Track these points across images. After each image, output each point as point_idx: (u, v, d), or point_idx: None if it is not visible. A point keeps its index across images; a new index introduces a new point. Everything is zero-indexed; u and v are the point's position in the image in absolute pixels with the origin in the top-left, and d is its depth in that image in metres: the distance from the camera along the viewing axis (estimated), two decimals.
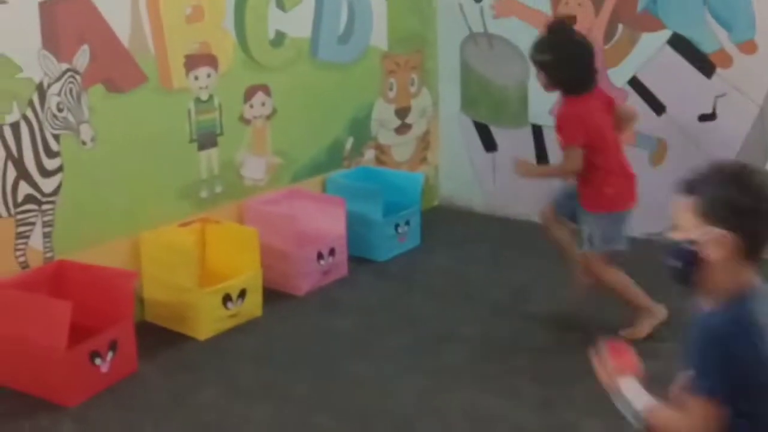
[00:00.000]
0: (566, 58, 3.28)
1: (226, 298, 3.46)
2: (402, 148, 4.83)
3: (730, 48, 4.03)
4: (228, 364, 3.25)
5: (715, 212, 1.74)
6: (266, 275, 3.65)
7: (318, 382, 3.10)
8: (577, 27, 4.36)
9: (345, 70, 4.39)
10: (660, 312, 3.37)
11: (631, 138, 4.36)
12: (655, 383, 1.95)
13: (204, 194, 3.81)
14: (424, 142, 4.96)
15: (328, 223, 3.99)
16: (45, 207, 3.23)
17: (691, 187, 1.82)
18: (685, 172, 4.32)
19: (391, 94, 4.69)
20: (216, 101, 3.79)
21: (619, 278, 3.38)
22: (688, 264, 1.77)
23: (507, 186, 4.83)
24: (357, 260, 4.12)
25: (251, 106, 3.95)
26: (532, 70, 4.52)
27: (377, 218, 4.17)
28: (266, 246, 3.67)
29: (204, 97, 3.74)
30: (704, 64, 4.10)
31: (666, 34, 4.18)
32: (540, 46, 3.36)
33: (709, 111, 4.14)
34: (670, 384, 1.92)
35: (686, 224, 1.80)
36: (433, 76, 4.92)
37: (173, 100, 3.62)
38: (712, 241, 1.73)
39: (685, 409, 1.78)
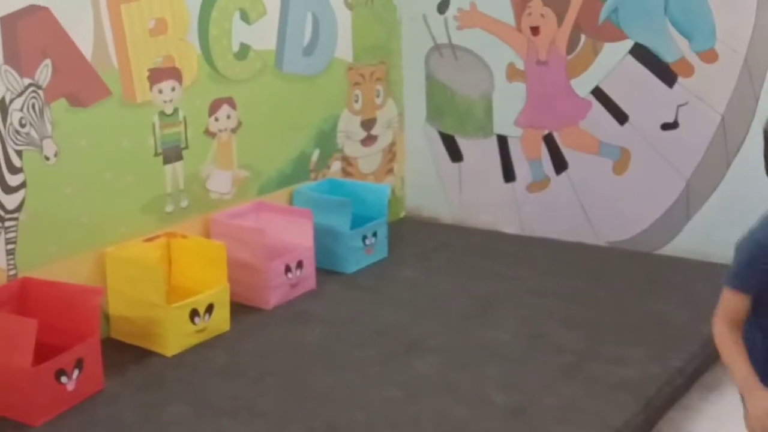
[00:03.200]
0: None
1: (194, 314, 3.43)
2: (368, 160, 4.83)
3: (692, 57, 4.08)
4: (196, 379, 3.21)
5: None
6: (234, 289, 3.63)
7: (288, 395, 3.08)
8: (539, 38, 4.44)
9: (310, 82, 4.39)
10: None
11: (594, 147, 4.42)
12: None
13: (169, 208, 3.78)
14: (390, 153, 4.97)
15: (296, 235, 3.97)
16: (8, 224, 3.19)
17: None
18: (648, 180, 4.42)
19: (357, 106, 4.70)
20: (181, 114, 3.76)
21: None
22: None
23: (473, 196, 4.86)
24: (325, 273, 4.11)
25: (216, 120, 3.93)
26: (497, 81, 4.62)
27: (345, 230, 4.16)
28: (234, 260, 3.65)
29: (168, 110, 3.71)
30: (666, 74, 4.15)
31: (628, 44, 4.23)
32: None
33: (671, 120, 4.20)
34: None
35: None
36: (399, 88, 4.93)
37: (137, 114, 3.60)
38: None
39: None
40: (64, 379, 2.94)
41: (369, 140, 4.81)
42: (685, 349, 3.34)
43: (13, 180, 3.17)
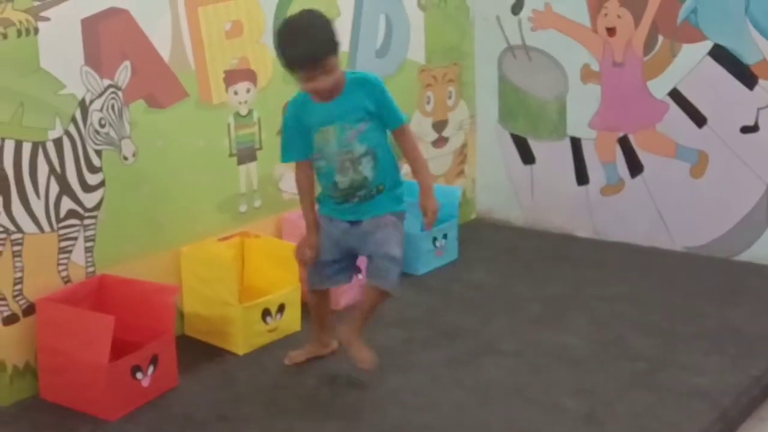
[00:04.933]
0: None
1: (265, 313, 3.46)
2: (439, 161, 4.82)
3: None
4: (268, 379, 3.24)
5: None
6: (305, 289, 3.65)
7: (357, 397, 3.09)
8: (615, 39, 4.37)
9: None
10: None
11: (671, 150, 4.34)
12: None
13: (243, 208, 3.82)
14: (462, 155, 4.95)
15: None
16: (87, 222, 3.27)
17: None
18: (726, 184, 4.33)
19: (429, 108, 4.69)
20: (255, 116, 3.81)
21: None
22: None
23: (545, 199, 4.81)
24: None
25: None
26: (571, 82, 4.57)
27: (415, 232, 4.14)
28: None
29: (243, 111, 3.76)
30: (746, 76, 4.05)
31: (707, 45, 4.13)
32: None
33: (751, 123, 4.09)
34: None
35: None
36: (471, 89, 4.90)
37: (213, 115, 3.65)
38: None
39: None
40: (139, 375, 3.00)
41: (440, 142, 4.80)
42: (762, 357, 3.26)
43: (92, 179, 3.25)
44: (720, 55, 4.11)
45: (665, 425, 2.83)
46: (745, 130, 4.11)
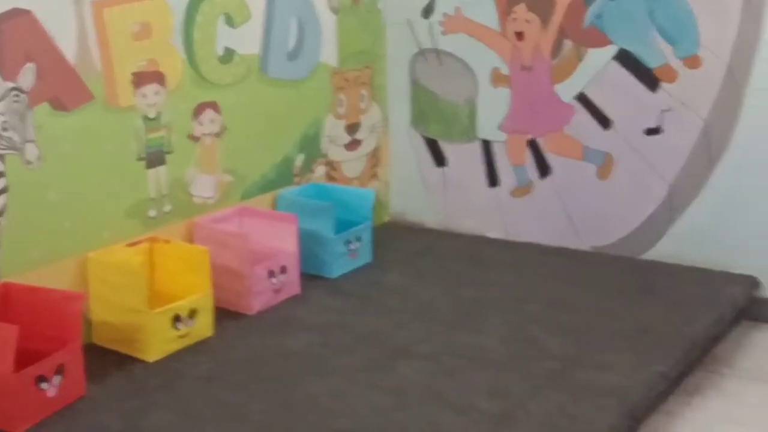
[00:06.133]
0: None
1: (176, 319, 3.40)
2: (353, 164, 4.82)
3: (675, 63, 4.10)
4: (179, 386, 3.18)
5: None
6: (217, 294, 3.61)
7: (272, 402, 3.06)
8: (524, 43, 4.45)
9: (295, 87, 4.38)
10: None
11: (578, 153, 4.43)
12: None
13: (152, 213, 3.75)
14: (375, 158, 4.96)
15: (280, 240, 3.96)
16: None
17: None
18: (632, 185, 4.44)
19: (341, 110, 4.69)
20: (164, 119, 3.74)
21: None
22: None
23: (457, 201, 4.86)
24: (309, 277, 4.09)
25: (200, 124, 3.92)
26: (482, 86, 4.63)
27: (328, 235, 4.15)
28: (217, 265, 3.63)
29: (152, 114, 3.69)
30: (650, 79, 4.17)
31: (612, 49, 4.24)
32: None
33: (655, 125, 4.21)
34: None
35: None
36: (383, 92, 4.92)
37: (120, 118, 3.57)
38: None
39: None
40: (44, 385, 2.91)
41: (353, 145, 4.80)
42: (668, 354, 3.35)
43: None
44: (624, 59, 4.22)
45: (576, 422, 2.88)
46: (649, 132, 4.22)
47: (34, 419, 2.89)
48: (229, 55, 4.00)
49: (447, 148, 4.85)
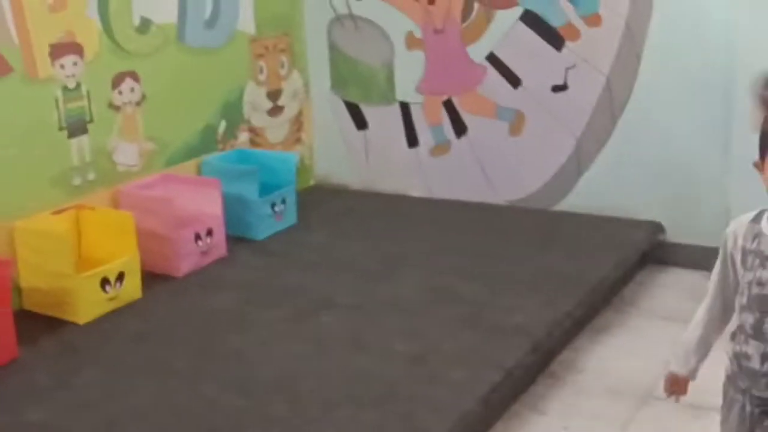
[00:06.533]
0: None
1: (104, 282, 3.51)
2: (276, 130, 4.94)
3: (577, 21, 4.29)
4: (109, 345, 3.31)
5: None
6: (146, 259, 3.71)
7: (200, 356, 3.20)
8: (435, 7, 4.59)
9: (214, 55, 4.47)
10: None
11: (491, 111, 4.61)
12: None
13: (77, 181, 3.83)
14: (298, 123, 5.08)
15: (205, 204, 4.07)
16: None
17: None
18: (541, 141, 4.63)
19: (262, 77, 4.79)
20: (84, 89, 3.82)
21: None
22: None
23: (379, 162, 5.01)
24: (236, 240, 4.22)
25: (120, 93, 3.99)
26: (397, 49, 4.77)
27: (253, 198, 4.27)
28: (144, 230, 3.73)
29: (71, 85, 3.76)
30: (554, 38, 4.36)
31: (518, 11, 4.41)
32: None
33: (561, 82, 4.41)
34: None
35: None
36: (303, 59, 5.04)
37: (40, 89, 3.64)
38: None
39: None
40: None
41: (275, 111, 4.92)
42: (573, 295, 3.57)
43: None
44: (530, 19, 4.40)
45: (485, 359, 3.08)
46: (556, 89, 4.42)
47: None
48: (145, 24, 4.08)
49: (367, 111, 5.00)
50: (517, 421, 3.06)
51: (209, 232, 4.02)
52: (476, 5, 4.52)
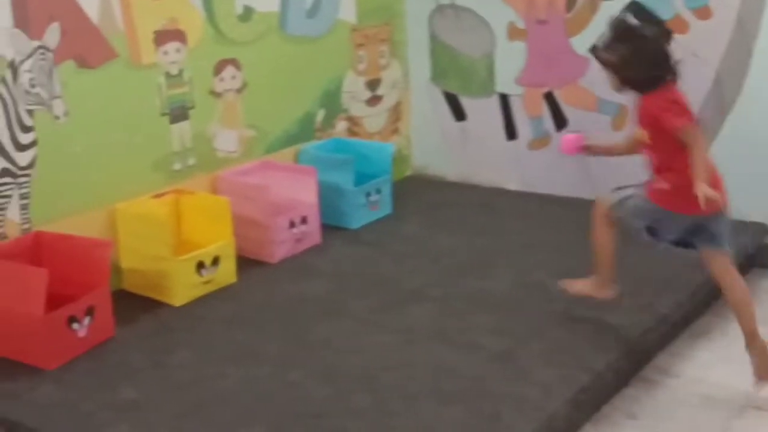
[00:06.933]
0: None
1: (200, 266, 3.58)
2: (374, 120, 4.94)
3: (686, 14, 4.14)
4: (202, 327, 3.38)
5: None
6: (241, 244, 3.78)
7: (289, 343, 3.23)
8: None
9: (314, 44, 4.50)
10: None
11: (592, 104, 4.50)
12: None
13: (177, 166, 3.92)
14: (396, 113, 5.07)
15: (300, 192, 4.11)
16: (21, 180, 3.35)
17: None
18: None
19: (362, 67, 4.80)
20: (186, 75, 3.89)
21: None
22: None
23: (476, 154, 4.96)
24: (330, 228, 4.24)
25: (221, 80, 4.06)
26: (498, 40, 4.71)
27: (348, 187, 4.29)
28: (240, 216, 3.79)
29: (174, 71, 3.84)
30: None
31: (624, 1, 4.28)
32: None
33: None
34: None
35: None
36: (403, 48, 5.02)
37: (143, 75, 3.73)
38: None
39: None
40: (75, 325, 3.11)
41: (374, 100, 4.92)
42: (671, 297, 3.45)
43: (24, 138, 3.33)
44: (637, 10, 4.24)
45: (575, 359, 3.01)
46: None
47: (66, 357, 3.10)
48: (248, 13, 4.13)
49: (466, 103, 4.95)
50: (607, 424, 2.97)
51: (304, 220, 4.05)
52: None
